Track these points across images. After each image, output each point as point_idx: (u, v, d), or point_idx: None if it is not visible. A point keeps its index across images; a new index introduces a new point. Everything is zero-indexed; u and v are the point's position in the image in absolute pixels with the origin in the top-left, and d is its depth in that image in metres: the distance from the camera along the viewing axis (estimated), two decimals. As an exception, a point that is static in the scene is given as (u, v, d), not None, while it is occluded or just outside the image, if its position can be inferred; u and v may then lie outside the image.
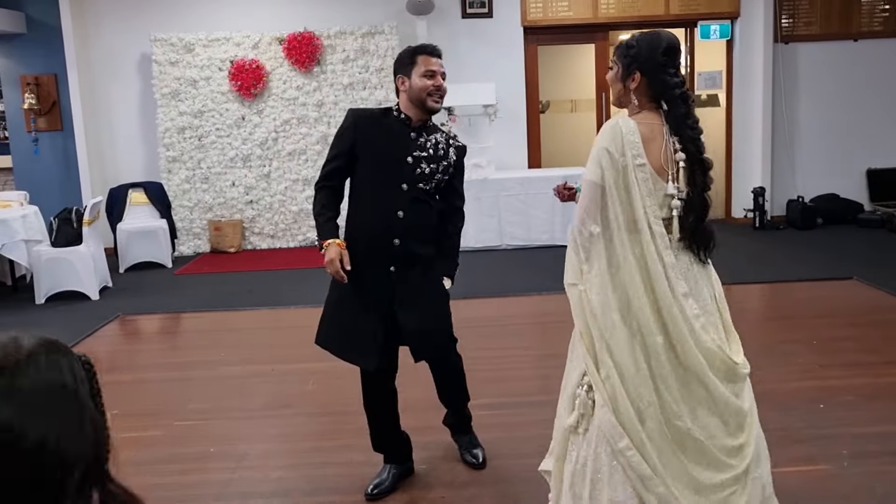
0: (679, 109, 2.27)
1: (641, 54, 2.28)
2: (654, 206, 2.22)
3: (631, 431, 2.16)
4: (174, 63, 8.04)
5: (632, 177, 2.20)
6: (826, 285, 5.93)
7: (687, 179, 2.26)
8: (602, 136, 2.25)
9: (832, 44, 8.49)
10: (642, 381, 2.18)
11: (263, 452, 3.53)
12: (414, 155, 2.84)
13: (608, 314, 2.21)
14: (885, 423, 3.48)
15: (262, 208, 8.27)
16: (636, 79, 2.29)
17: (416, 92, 2.83)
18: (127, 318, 5.95)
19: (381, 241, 2.81)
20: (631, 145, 2.21)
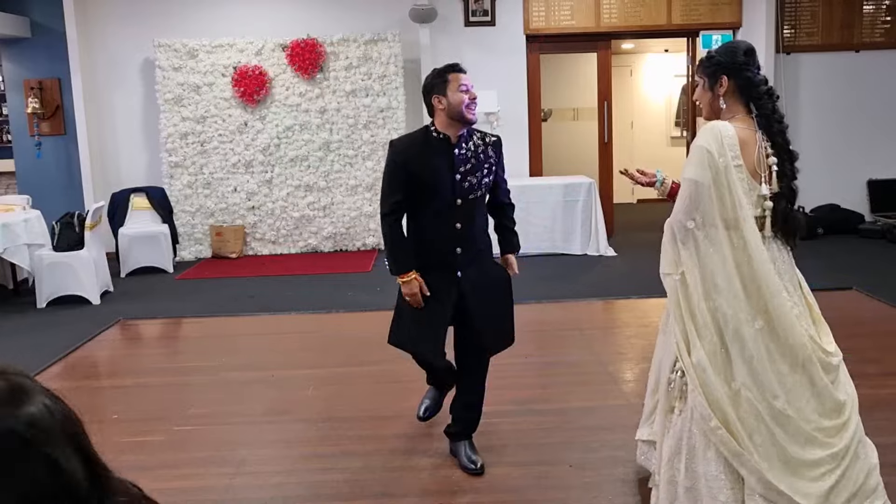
0: (767, 105, 2.45)
1: (724, 59, 2.46)
2: (750, 205, 2.37)
3: (718, 412, 2.30)
4: (177, 69, 8.08)
5: (733, 176, 2.34)
6: (826, 296, 5.88)
7: (778, 174, 2.42)
8: (702, 136, 2.38)
9: (833, 55, 8.51)
10: (734, 364, 2.32)
11: (263, 458, 3.53)
12: (460, 171, 3.08)
13: (701, 303, 2.35)
14: (885, 434, 3.47)
15: (263, 214, 8.29)
16: (723, 83, 2.46)
17: (454, 107, 3.05)
18: (127, 322, 5.96)
19: (445, 253, 3.12)
20: (730, 146, 2.35)
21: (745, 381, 2.31)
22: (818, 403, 2.36)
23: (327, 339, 5.42)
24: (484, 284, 3.20)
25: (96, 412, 4.23)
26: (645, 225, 9.37)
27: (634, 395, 3.97)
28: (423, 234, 3.14)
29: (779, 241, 2.46)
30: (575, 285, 6.46)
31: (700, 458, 2.36)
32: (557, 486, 3.13)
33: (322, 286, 6.80)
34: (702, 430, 2.34)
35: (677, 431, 2.44)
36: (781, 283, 2.37)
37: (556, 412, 3.73)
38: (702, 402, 2.32)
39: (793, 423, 2.32)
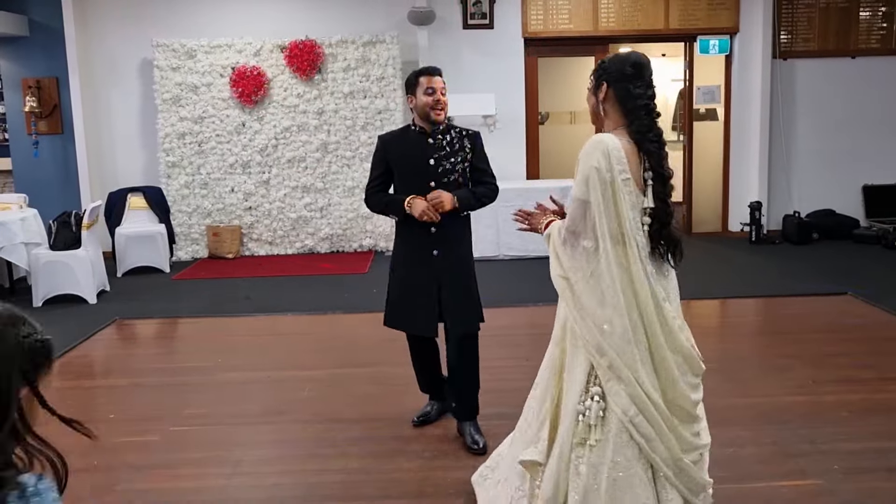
0: (642, 121, 2.37)
1: (610, 67, 2.44)
2: (636, 219, 2.35)
3: (637, 400, 2.30)
4: (175, 69, 8.07)
5: (620, 191, 2.31)
6: (821, 301, 5.95)
7: (654, 192, 2.36)
8: (589, 154, 2.34)
9: (830, 60, 8.54)
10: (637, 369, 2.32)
11: (258, 459, 3.53)
12: (434, 157, 3.44)
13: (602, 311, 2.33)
14: (879, 439, 3.50)
15: (260, 215, 8.29)
16: (604, 90, 2.43)
17: (421, 107, 3.44)
18: (124, 322, 5.95)
19: (421, 233, 3.45)
20: (617, 160, 2.32)
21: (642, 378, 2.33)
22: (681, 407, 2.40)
23: (324, 340, 5.42)
24: (452, 263, 3.49)
25: (92, 412, 4.23)
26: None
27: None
28: (404, 219, 3.48)
29: (663, 268, 2.43)
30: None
31: (631, 483, 2.30)
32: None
33: (318, 287, 6.80)
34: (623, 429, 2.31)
35: (594, 466, 2.32)
36: (661, 297, 2.35)
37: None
38: (621, 395, 2.30)
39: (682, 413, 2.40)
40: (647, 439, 2.31)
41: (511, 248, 7.81)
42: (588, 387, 2.36)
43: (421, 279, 3.47)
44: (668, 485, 2.34)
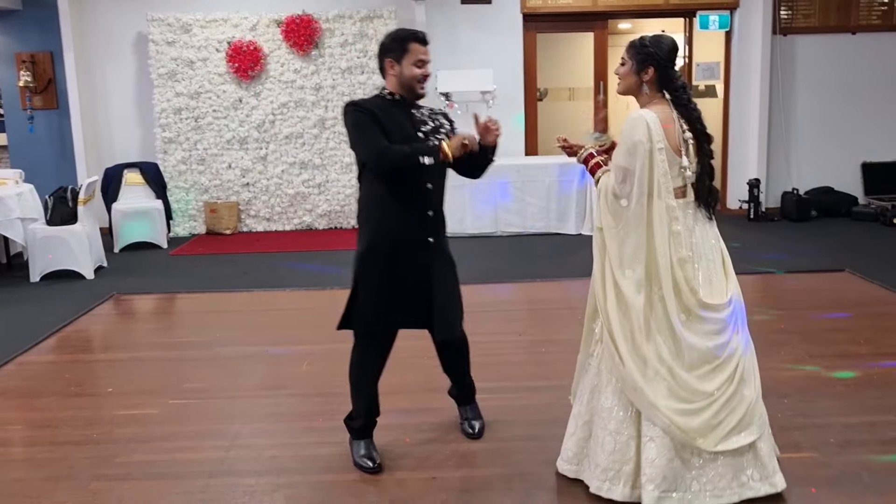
0: (683, 97, 2.76)
1: (655, 52, 2.75)
2: (667, 182, 2.68)
3: (621, 350, 2.67)
4: (171, 43, 8.01)
5: (656, 158, 2.67)
6: (818, 277, 5.97)
7: (696, 152, 2.76)
8: (634, 128, 2.67)
9: (830, 36, 8.49)
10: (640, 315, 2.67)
11: (257, 432, 3.55)
12: (422, 130, 3.03)
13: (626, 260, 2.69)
14: (874, 413, 3.52)
15: (258, 191, 8.26)
16: (650, 73, 2.76)
17: (406, 79, 2.98)
18: (121, 297, 5.95)
19: (418, 216, 3.00)
20: (656, 132, 2.67)
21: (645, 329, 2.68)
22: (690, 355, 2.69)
23: (321, 315, 5.40)
24: (445, 254, 3.11)
25: (91, 385, 4.24)
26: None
27: (627, 373, 3.99)
28: (393, 199, 2.96)
29: (701, 210, 2.79)
30: (569, 265, 6.47)
31: (601, 393, 2.77)
32: (550, 461, 3.16)
33: (316, 263, 6.80)
34: (608, 368, 2.74)
35: (592, 375, 2.86)
36: (677, 257, 2.68)
37: (549, 389, 3.74)
38: (609, 344, 2.71)
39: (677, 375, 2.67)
40: (631, 388, 2.68)
41: (510, 224, 7.80)
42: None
43: (414, 270, 3.01)
44: (651, 427, 2.67)
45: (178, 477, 3.11)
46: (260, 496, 2.95)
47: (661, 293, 2.67)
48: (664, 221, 2.67)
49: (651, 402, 2.63)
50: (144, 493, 2.99)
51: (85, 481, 3.10)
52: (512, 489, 2.95)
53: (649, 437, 2.66)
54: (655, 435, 2.65)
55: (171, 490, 3.01)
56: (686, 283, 2.68)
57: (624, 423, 2.71)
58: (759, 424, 2.76)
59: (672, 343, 2.68)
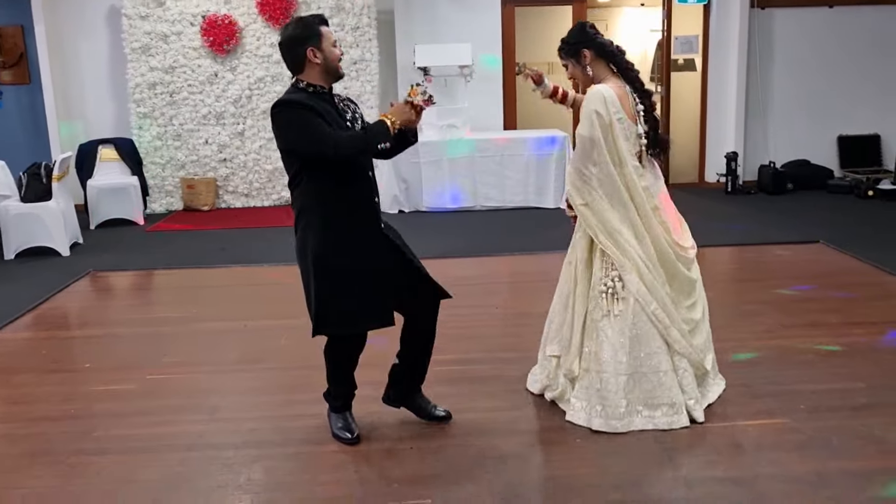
0: (621, 61, 3.17)
1: (578, 38, 3.16)
2: (629, 146, 3.10)
3: (655, 295, 3.11)
4: (144, 17, 7.88)
5: (616, 129, 3.05)
6: (793, 248, 6.04)
7: (644, 116, 3.14)
8: (593, 101, 3.04)
9: (807, 10, 8.51)
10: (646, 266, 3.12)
11: (236, 405, 3.56)
12: (349, 119, 2.97)
13: (616, 224, 3.09)
14: (844, 380, 3.59)
15: (236, 167, 8.19)
16: (585, 55, 3.14)
17: (331, 62, 2.90)
18: (98, 274, 5.91)
19: (367, 204, 2.96)
20: (612, 105, 3.04)
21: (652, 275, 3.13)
22: (681, 289, 3.23)
23: (300, 290, 5.41)
24: (397, 235, 3.10)
25: (68, 361, 4.23)
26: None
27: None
28: (342, 192, 2.89)
29: (655, 167, 3.24)
30: (548, 238, 6.50)
31: (645, 342, 3.10)
32: (527, 431, 3.20)
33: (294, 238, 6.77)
34: (644, 315, 3.09)
35: (616, 331, 3.11)
36: (651, 206, 3.14)
37: (526, 360, 3.77)
38: (642, 289, 3.09)
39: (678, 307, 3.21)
40: (664, 326, 3.11)
41: (488, 198, 7.80)
42: (607, 271, 3.12)
43: (377, 261, 2.95)
44: (679, 354, 3.14)
45: (156, 450, 3.12)
46: (238, 468, 2.97)
47: (649, 240, 3.12)
48: (635, 180, 3.09)
49: (677, 338, 3.12)
50: (122, 467, 3.00)
51: (63, 456, 3.10)
52: (488, 458, 2.99)
53: (683, 368, 3.16)
54: (685, 366, 3.16)
55: (149, 463, 3.02)
56: (663, 226, 3.16)
57: (667, 358, 3.13)
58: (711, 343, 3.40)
59: (669, 280, 3.17)
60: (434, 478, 2.87)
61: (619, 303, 3.10)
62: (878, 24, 8.51)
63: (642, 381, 3.11)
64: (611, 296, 3.11)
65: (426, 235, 6.62)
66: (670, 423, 3.11)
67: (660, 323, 3.10)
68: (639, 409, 3.11)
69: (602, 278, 3.13)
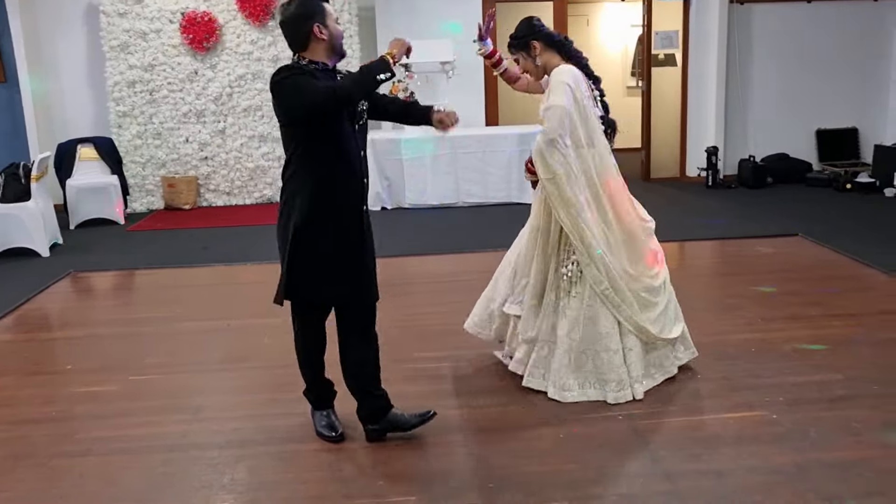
0: (570, 48, 3.28)
1: (525, 31, 3.28)
2: (596, 125, 3.24)
3: (608, 276, 3.25)
4: (123, 14, 7.81)
5: (588, 104, 3.19)
6: (773, 242, 6.09)
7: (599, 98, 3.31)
8: (562, 75, 3.14)
9: (786, 5, 8.59)
10: (606, 244, 3.27)
11: (219, 404, 3.55)
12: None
13: (583, 208, 3.19)
14: (823, 372, 3.64)
15: (217, 165, 8.15)
16: (535, 46, 3.26)
17: (336, 38, 2.88)
18: (79, 274, 5.86)
19: (355, 183, 2.91)
20: (580, 81, 3.19)
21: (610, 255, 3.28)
22: (644, 263, 3.41)
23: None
24: (370, 230, 3.04)
25: (49, 363, 4.20)
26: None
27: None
28: (330, 169, 2.84)
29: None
30: (530, 234, 6.53)
31: (598, 322, 3.27)
32: (510, 426, 3.22)
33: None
34: (596, 294, 3.25)
35: (574, 310, 3.28)
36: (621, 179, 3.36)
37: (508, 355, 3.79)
38: (596, 273, 3.25)
39: (634, 279, 3.36)
40: (615, 306, 3.27)
41: (471, 195, 7.82)
42: (568, 254, 3.28)
43: (351, 239, 2.92)
44: (629, 333, 3.32)
45: (138, 452, 3.11)
46: (223, 468, 2.96)
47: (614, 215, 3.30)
48: (606, 157, 3.25)
49: (628, 317, 3.29)
50: (105, 469, 2.99)
51: (45, 459, 3.08)
52: (472, 454, 3.00)
53: (629, 347, 3.33)
54: (632, 345, 3.33)
55: (132, 465, 3.01)
56: (630, 202, 3.40)
57: (616, 338, 3.30)
58: (680, 313, 3.57)
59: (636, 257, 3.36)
60: (418, 475, 2.88)
61: (578, 285, 3.29)
62: (856, 19, 8.61)
63: (594, 358, 3.31)
64: (569, 280, 3.30)
65: (408, 232, 6.62)
66: (616, 398, 3.30)
67: (610, 303, 3.27)
68: (591, 382, 3.33)
69: (564, 261, 3.31)
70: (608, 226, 3.29)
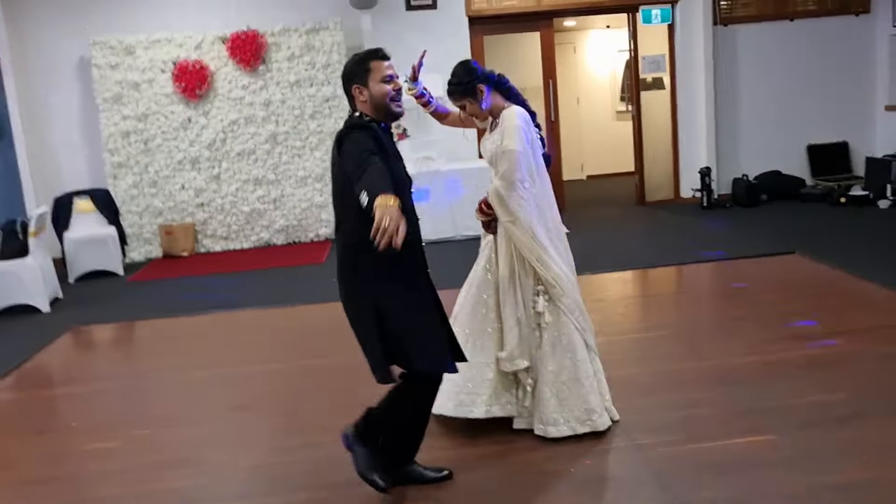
0: (509, 88, 3.35)
1: (469, 77, 3.27)
2: (541, 163, 3.31)
3: (576, 302, 3.35)
4: (115, 66, 7.90)
5: (536, 143, 3.30)
6: (771, 261, 6.11)
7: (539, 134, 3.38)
8: (514, 119, 3.23)
9: (769, 24, 8.69)
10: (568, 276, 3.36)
11: (224, 456, 3.53)
12: (402, 157, 2.87)
13: (543, 240, 3.27)
14: (827, 391, 3.63)
15: (213, 210, 8.19)
16: (480, 89, 3.27)
17: (378, 99, 2.76)
18: (80, 329, 5.86)
19: (419, 250, 2.86)
20: (529, 123, 3.27)
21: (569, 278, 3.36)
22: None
23: (284, 332, 5.41)
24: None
25: (54, 422, 4.18)
26: (595, 201, 9.49)
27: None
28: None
29: None
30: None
31: (577, 347, 3.32)
32: (515, 462, 3.20)
33: (277, 280, 6.77)
34: (570, 324, 3.30)
35: (551, 342, 3.31)
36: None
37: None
38: (569, 303, 3.32)
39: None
40: (583, 330, 3.36)
41: (468, 228, 7.83)
42: (537, 289, 3.30)
43: (434, 300, 2.90)
44: (594, 356, 3.40)
45: (146, 509, 3.09)
46: (230, 522, 2.95)
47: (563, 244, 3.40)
48: (548, 187, 3.34)
49: (591, 338, 3.39)
50: (113, 528, 2.97)
51: (51, 521, 3.06)
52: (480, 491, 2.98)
53: (598, 370, 3.41)
54: (599, 367, 3.42)
55: (140, 523, 2.99)
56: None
57: (589, 364, 3.34)
58: None
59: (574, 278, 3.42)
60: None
61: (548, 314, 3.31)
62: (839, 34, 8.71)
63: (577, 388, 3.31)
64: (540, 314, 3.31)
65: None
66: (605, 424, 3.34)
67: (581, 329, 3.34)
68: (575, 416, 3.31)
69: (533, 297, 3.32)
70: (563, 256, 3.37)
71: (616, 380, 3.83)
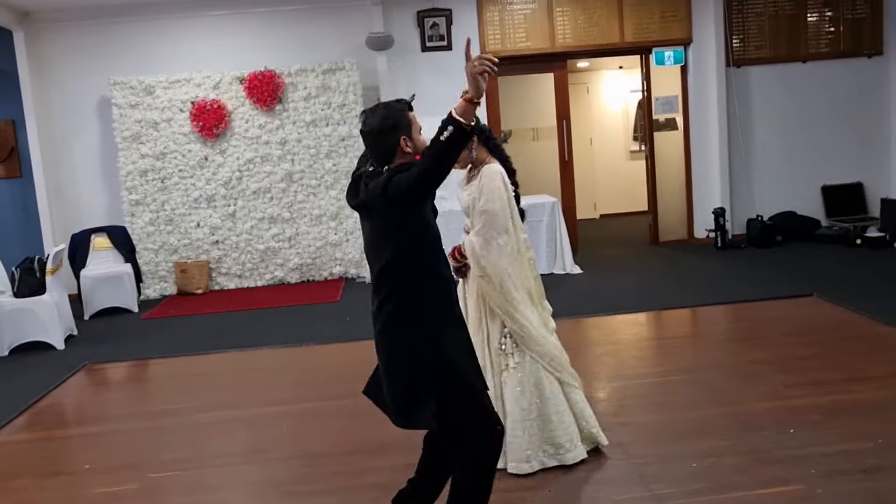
0: (494, 143, 3.52)
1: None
2: (518, 219, 3.46)
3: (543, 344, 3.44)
4: (134, 106, 8.01)
5: (513, 201, 3.43)
6: (788, 304, 6.06)
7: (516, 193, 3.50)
8: (496, 179, 3.36)
9: (782, 66, 8.75)
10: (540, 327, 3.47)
11: (240, 501, 3.49)
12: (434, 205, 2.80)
13: (513, 293, 3.37)
14: (852, 440, 3.56)
15: (228, 248, 8.22)
16: (474, 140, 3.35)
17: (420, 152, 2.64)
18: (94, 367, 5.85)
19: (453, 285, 2.79)
20: (506, 180, 3.41)
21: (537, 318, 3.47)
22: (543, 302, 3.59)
23: (299, 373, 5.38)
24: None
25: (67, 463, 4.15)
26: (608, 240, 9.48)
27: (608, 414, 4.01)
28: (444, 280, 2.69)
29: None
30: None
31: (545, 385, 3.42)
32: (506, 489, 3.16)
33: (291, 319, 6.76)
34: (535, 360, 3.41)
35: (517, 380, 3.40)
36: (530, 253, 3.55)
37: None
38: (535, 348, 3.41)
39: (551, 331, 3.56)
40: (557, 372, 3.47)
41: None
42: (504, 332, 3.41)
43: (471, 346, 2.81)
44: (572, 389, 3.51)
45: (161, 556, 3.05)
46: (246, 570, 2.90)
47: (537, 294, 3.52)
48: (523, 251, 3.46)
49: (568, 379, 3.50)
50: (127, 576, 2.92)
51: (65, 567, 3.02)
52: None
53: (577, 401, 3.52)
54: (579, 397, 3.54)
55: (155, 570, 2.95)
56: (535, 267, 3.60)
57: (561, 397, 3.48)
58: None
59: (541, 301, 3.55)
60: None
61: (515, 355, 3.42)
62: (852, 76, 8.76)
63: (546, 423, 3.43)
64: (506, 353, 3.43)
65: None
66: (574, 458, 3.46)
67: (555, 371, 3.46)
68: (544, 449, 3.44)
69: (498, 338, 3.43)
70: (538, 306, 3.49)
71: (633, 426, 3.78)
